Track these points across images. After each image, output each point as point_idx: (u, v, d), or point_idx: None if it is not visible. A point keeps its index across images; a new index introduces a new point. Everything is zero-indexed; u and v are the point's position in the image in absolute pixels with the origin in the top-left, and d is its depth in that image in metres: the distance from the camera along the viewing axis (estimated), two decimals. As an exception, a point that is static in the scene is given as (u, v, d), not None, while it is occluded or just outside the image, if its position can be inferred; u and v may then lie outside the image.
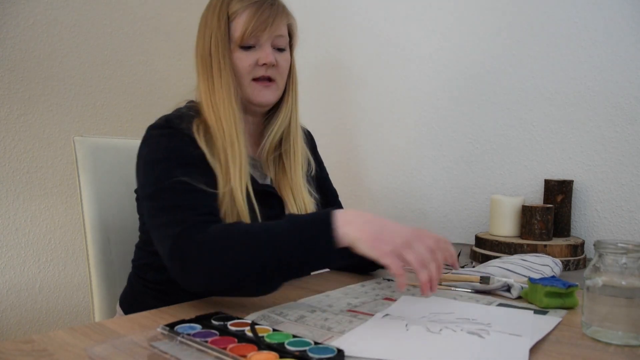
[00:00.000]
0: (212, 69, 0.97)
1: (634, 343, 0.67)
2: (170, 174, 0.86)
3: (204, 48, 0.99)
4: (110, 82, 1.72)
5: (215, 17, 0.98)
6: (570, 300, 0.83)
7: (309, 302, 0.84)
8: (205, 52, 0.98)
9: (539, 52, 1.44)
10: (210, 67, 0.98)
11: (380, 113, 1.80)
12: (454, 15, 1.61)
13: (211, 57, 0.98)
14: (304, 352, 0.60)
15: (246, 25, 0.96)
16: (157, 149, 0.91)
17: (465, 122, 1.60)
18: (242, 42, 0.97)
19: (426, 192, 1.69)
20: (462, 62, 1.60)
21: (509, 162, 1.51)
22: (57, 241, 1.61)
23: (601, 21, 1.34)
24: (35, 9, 1.54)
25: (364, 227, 0.72)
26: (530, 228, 1.26)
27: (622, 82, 1.32)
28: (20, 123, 1.52)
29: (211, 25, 0.98)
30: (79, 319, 1.66)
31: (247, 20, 0.96)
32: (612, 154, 1.33)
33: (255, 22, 0.96)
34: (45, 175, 1.58)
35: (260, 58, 0.98)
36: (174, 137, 0.92)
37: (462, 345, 0.64)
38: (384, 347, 0.64)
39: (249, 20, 0.96)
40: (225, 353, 0.60)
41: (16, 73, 1.51)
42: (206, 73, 0.98)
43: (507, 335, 0.67)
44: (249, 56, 0.98)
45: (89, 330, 0.71)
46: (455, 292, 0.92)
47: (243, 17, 0.97)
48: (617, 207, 1.33)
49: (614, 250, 0.69)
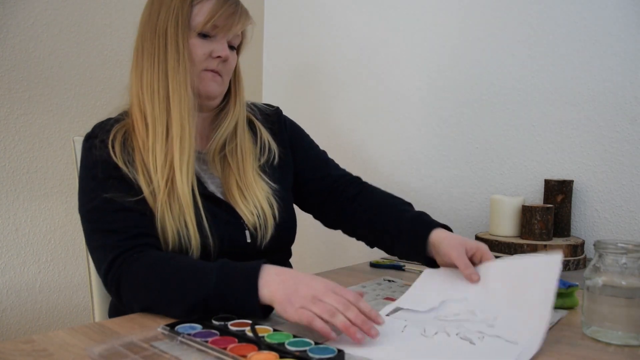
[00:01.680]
0: (167, 50, 0.94)
1: (634, 343, 0.67)
2: (97, 192, 0.88)
3: (158, 26, 0.95)
4: (110, 82, 1.72)
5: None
6: (570, 300, 0.83)
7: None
8: (160, 31, 0.94)
9: (539, 52, 1.44)
10: (164, 48, 0.94)
11: (380, 114, 1.80)
12: (454, 15, 1.61)
13: (167, 37, 0.94)
14: (304, 352, 0.60)
15: (211, 14, 0.94)
16: (84, 166, 0.94)
17: (465, 122, 1.60)
18: (203, 29, 0.95)
19: (426, 192, 1.69)
20: (462, 62, 1.60)
21: (509, 162, 1.51)
22: (57, 241, 1.61)
23: (601, 21, 1.34)
24: (35, 9, 1.54)
25: (278, 288, 0.72)
26: (530, 228, 1.26)
27: (622, 82, 1.32)
28: (20, 123, 1.52)
29: (170, 4, 0.95)
30: (79, 319, 1.66)
31: (213, 9, 0.94)
32: (612, 154, 1.33)
33: (222, 13, 0.94)
34: (45, 175, 1.58)
35: (215, 50, 0.96)
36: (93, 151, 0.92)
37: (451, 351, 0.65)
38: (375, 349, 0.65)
39: (215, 10, 0.94)
40: (225, 353, 0.60)
41: (16, 73, 1.51)
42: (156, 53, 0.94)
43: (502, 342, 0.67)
44: (204, 45, 0.96)
45: (89, 330, 0.71)
46: None
47: (208, 5, 0.95)
48: (617, 207, 1.33)
49: (614, 250, 0.69)
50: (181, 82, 0.93)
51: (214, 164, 1.02)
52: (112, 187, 0.88)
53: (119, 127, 0.95)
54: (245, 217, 0.96)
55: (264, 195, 1.00)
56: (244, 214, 0.97)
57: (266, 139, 1.09)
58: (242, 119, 1.06)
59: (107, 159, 0.91)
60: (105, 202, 0.87)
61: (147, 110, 0.94)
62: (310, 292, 0.70)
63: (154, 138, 0.92)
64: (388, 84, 1.78)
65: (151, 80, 0.95)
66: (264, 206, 0.99)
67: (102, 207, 0.88)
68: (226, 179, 1.01)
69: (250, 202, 0.98)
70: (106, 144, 0.92)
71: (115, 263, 0.83)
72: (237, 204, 0.98)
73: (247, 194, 0.99)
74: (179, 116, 0.93)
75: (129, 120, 0.97)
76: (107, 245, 0.85)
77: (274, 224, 0.99)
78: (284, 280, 0.73)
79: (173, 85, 0.93)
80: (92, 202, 0.89)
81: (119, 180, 0.90)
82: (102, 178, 0.89)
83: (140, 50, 0.97)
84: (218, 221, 0.94)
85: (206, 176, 1.01)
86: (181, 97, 0.93)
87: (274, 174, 1.06)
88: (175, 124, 0.92)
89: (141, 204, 0.89)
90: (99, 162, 0.91)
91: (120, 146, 0.92)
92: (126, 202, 0.87)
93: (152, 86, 0.94)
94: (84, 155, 0.95)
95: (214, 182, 1.01)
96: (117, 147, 0.92)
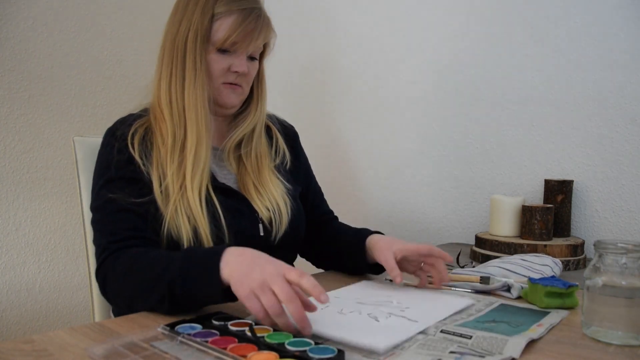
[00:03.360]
0: (186, 63, 0.95)
1: (634, 343, 0.67)
2: (104, 191, 0.91)
3: (177, 37, 0.97)
4: (110, 82, 1.72)
5: (199, 10, 0.96)
6: (570, 300, 0.83)
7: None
8: (180, 43, 0.96)
9: (539, 52, 1.44)
10: (182, 61, 0.96)
11: (380, 114, 1.80)
12: (454, 15, 1.61)
13: (186, 50, 0.95)
14: (304, 352, 0.60)
15: (230, 32, 0.95)
16: (99, 161, 0.96)
17: (465, 122, 1.60)
18: (222, 46, 0.96)
19: (426, 192, 1.69)
20: (462, 63, 1.60)
21: (509, 162, 1.51)
22: (57, 241, 1.61)
23: (601, 21, 1.34)
24: (35, 9, 1.54)
25: (235, 268, 0.72)
26: (530, 228, 1.26)
27: (622, 82, 1.32)
28: (20, 123, 1.52)
29: (191, 17, 0.96)
30: (79, 319, 1.66)
31: (233, 27, 0.95)
32: (612, 154, 1.33)
33: (240, 32, 0.95)
34: (45, 175, 1.58)
35: (234, 65, 0.97)
36: (111, 147, 0.94)
37: (352, 324, 0.72)
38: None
39: (234, 27, 0.95)
40: (225, 353, 0.60)
41: (16, 73, 1.51)
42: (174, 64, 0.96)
43: (404, 321, 0.73)
44: (223, 60, 0.97)
45: (89, 330, 0.71)
46: (455, 293, 0.92)
47: (228, 21, 0.95)
48: (617, 207, 1.33)
49: (614, 250, 0.69)
50: (198, 97, 0.95)
51: (229, 161, 1.04)
52: (119, 188, 0.90)
53: (140, 122, 0.97)
54: (260, 212, 0.98)
55: (279, 193, 1.02)
56: (259, 208, 0.99)
57: (281, 143, 1.11)
58: (261, 124, 1.07)
59: (124, 151, 0.93)
60: (108, 202, 0.90)
61: (166, 116, 0.96)
62: (262, 277, 0.70)
63: (172, 144, 0.94)
64: (388, 85, 1.78)
65: (168, 89, 0.97)
66: (279, 202, 1.00)
67: (104, 206, 0.90)
68: (242, 176, 1.03)
69: (266, 198, 1.00)
70: (125, 136, 0.94)
71: (103, 264, 0.86)
72: (252, 198, 0.99)
73: (263, 190, 1.01)
74: (196, 129, 0.94)
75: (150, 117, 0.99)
76: (101, 246, 0.88)
77: (288, 219, 1.01)
78: (242, 260, 0.73)
79: (189, 100, 0.95)
80: (97, 200, 0.92)
81: (127, 180, 0.91)
82: (112, 177, 0.91)
83: (161, 57, 1.00)
84: (232, 214, 0.95)
85: (221, 172, 1.03)
86: (198, 112, 0.95)
87: (287, 176, 1.09)
88: (190, 137, 0.94)
89: (144, 205, 0.90)
90: (113, 161, 0.92)
91: (140, 140, 0.94)
92: (127, 203, 0.89)
93: (170, 96, 0.96)
94: (101, 150, 0.97)
95: (229, 178, 1.03)
96: (136, 141, 0.94)
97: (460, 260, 1.26)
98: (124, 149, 0.93)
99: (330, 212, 1.22)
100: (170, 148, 0.94)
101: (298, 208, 1.07)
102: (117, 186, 0.91)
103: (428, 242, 1.68)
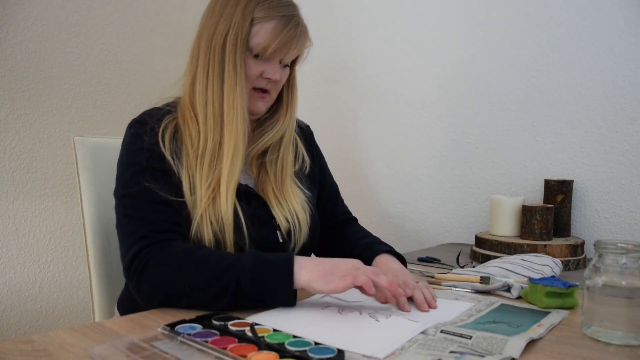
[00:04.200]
0: (224, 65, 0.92)
1: (634, 343, 0.67)
2: (137, 179, 0.88)
3: (215, 38, 0.93)
4: (110, 82, 1.72)
5: (239, 12, 0.92)
6: (570, 300, 0.83)
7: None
8: (216, 44, 0.92)
9: (539, 52, 1.44)
10: (221, 62, 0.92)
11: (380, 114, 1.80)
12: (454, 16, 1.61)
13: (224, 51, 0.92)
14: (304, 352, 0.60)
15: (269, 40, 0.92)
16: (129, 150, 0.92)
17: (465, 122, 1.60)
18: (260, 52, 0.93)
19: (426, 192, 1.69)
20: (462, 63, 1.60)
21: (509, 162, 1.51)
22: (57, 241, 1.61)
23: (601, 21, 1.34)
24: (35, 9, 1.54)
25: (315, 269, 0.78)
26: (530, 228, 1.26)
27: (622, 82, 1.32)
28: (20, 123, 1.52)
29: (232, 18, 0.92)
30: (79, 319, 1.66)
31: (272, 34, 0.92)
32: (612, 154, 1.33)
33: (279, 41, 0.92)
34: (45, 175, 1.58)
35: (266, 71, 0.95)
36: (142, 138, 0.91)
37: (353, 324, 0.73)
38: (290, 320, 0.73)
39: (274, 35, 0.92)
40: (225, 353, 0.60)
41: (16, 73, 1.51)
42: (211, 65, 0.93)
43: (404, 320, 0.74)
44: (257, 65, 0.94)
45: (89, 330, 0.71)
46: (456, 292, 0.92)
47: (267, 28, 0.92)
48: (617, 207, 1.33)
49: (614, 250, 0.69)
50: (237, 102, 0.92)
51: (251, 167, 1.02)
52: (153, 178, 0.88)
53: (170, 118, 0.95)
54: (280, 221, 0.97)
55: (299, 203, 1.01)
56: (278, 217, 0.97)
57: (301, 149, 1.09)
58: (290, 132, 1.05)
59: (155, 148, 0.90)
60: (144, 191, 0.87)
61: (200, 118, 0.93)
62: (350, 265, 0.79)
63: (204, 147, 0.92)
64: (388, 85, 1.78)
65: (204, 91, 0.93)
66: (299, 213, 0.99)
67: (139, 194, 0.87)
68: (262, 183, 1.01)
69: (286, 208, 0.98)
70: (156, 132, 0.91)
71: (142, 252, 0.82)
72: (271, 205, 0.98)
73: (282, 199, 0.99)
74: (234, 135, 0.92)
75: (179, 114, 0.96)
76: (138, 233, 0.84)
77: (307, 230, 1.00)
78: (319, 262, 0.80)
79: (229, 104, 0.92)
80: (130, 187, 0.88)
81: (161, 172, 0.89)
82: (145, 166, 0.89)
83: (195, 57, 0.96)
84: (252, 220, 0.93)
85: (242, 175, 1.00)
86: (237, 117, 0.92)
87: (306, 183, 1.07)
88: (227, 142, 0.92)
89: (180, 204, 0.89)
90: (144, 150, 0.90)
91: (170, 137, 0.92)
92: (163, 195, 0.87)
93: (206, 98, 0.93)
94: (129, 140, 0.93)
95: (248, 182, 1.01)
96: (167, 138, 0.91)
97: (460, 260, 1.26)
98: (155, 144, 0.90)
99: (346, 213, 1.19)
100: (200, 151, 0.91)
101: (315, 216, 1.05)
102: (151, 175, 0.88)
103: (428, 241, 1.68)
